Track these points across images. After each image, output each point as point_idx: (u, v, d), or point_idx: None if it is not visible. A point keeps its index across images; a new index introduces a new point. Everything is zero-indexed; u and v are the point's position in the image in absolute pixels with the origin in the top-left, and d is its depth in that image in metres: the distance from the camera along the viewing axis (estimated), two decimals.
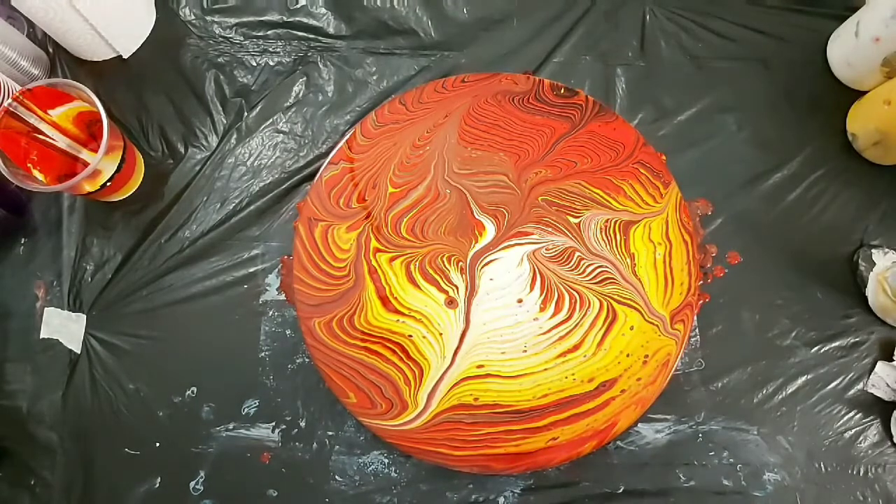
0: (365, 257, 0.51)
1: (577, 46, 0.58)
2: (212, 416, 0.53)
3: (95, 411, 0.53)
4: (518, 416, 0.48)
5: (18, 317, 0.55)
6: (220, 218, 0.56)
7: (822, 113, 0.57)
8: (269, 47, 0.59)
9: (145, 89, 0.58)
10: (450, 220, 0.52)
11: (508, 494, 0.51)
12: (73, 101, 0.52)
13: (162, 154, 0.58)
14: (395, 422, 0.48)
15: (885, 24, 0.50)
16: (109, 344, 0.54)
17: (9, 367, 0.55)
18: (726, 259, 0.55)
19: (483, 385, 0.49)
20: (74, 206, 0.56)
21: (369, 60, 0.59)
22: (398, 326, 0.50)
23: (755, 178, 0.56)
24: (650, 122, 0.57)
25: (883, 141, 0.53)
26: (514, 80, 0.55)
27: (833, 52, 0.57)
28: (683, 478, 0.51)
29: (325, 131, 0.57)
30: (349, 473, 0.52)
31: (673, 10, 0.59)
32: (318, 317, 0.50)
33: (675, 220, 0.52)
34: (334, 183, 0.53)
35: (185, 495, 0.52)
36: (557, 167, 0.53)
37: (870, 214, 0.55)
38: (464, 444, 0.48)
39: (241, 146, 0.57)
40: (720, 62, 0.58)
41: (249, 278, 0.55)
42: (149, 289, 0.55)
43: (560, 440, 0.48)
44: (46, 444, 0.53)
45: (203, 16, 0.60)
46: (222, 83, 0.58)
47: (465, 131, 0.54)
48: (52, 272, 0.55)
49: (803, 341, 0.53)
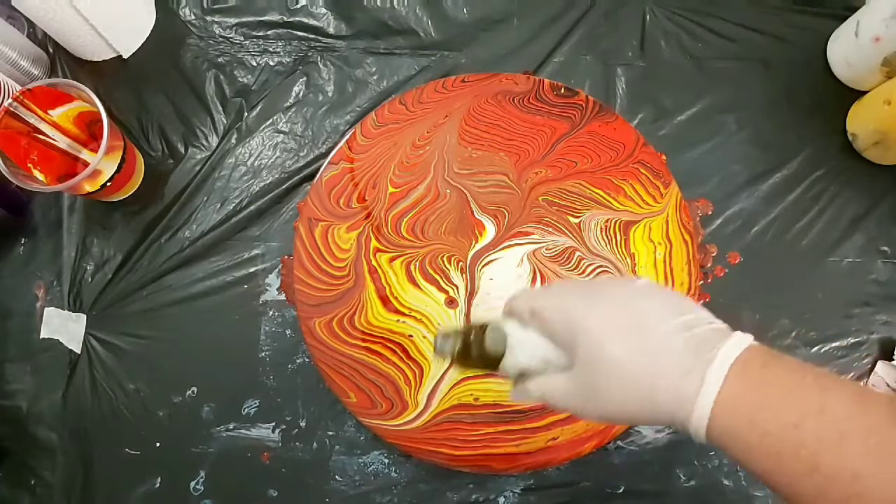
0: (365, 257, 0.51)
1: (577, 46, 0.58)
2: (212, 416, 0.53)
3: (95, 411, 0.53)
4: (518, 416, 0.48)
5: (18, 317, 0.55)
6: (220, 218, 0.56)
7: (822, 113, 0.57)
8: (269, 47, 0.59)
9: (145, 89, 0.58)
10: (450, 220, 0.52)
11: (508, 494, 0.51)
12: (73, 101, 0.52)
13: (162, 154, 0.58)
14: (396, 422, 0.49)
15: (885, 24, 0.50)
16: (109, 344, 0.54)
17: (9, 367, 0.55)
18: (726, 259, 0.55)
19: (483, 385, 0.49)
20: (74, 206, 0.56)
21: (369, 60, 0.59)
22: (398, 326, 0.50)
23: (755, 178, 0.56)
24: (650, 122, 0.57)
25: (883, 141, 0.53)
26: (514, 80, 0.55)
27: (833, 52, 0.57)
28: (683, 478, 0.51)
29: (325, 131, 0.57)
30: (349, 473, 0.52)
31: (673, 10, 0.59)
32: (318, 317, 0.50)
33: (675, 220, 0.52)
34: (334, 183, 0.53)
35: (186, 495, 0.52)
36: (558, 167, 0.53)
37: (870, 214, 0.55)
38: (464, 444, 0.48)
39: (241, 146, 0.57)
40: (720, 62, 0.58)
41: (249, 278, 0.55)
42: (149, 289, 0.55)
43: (560, 440, 0.48)
44: (46, 444, 0.53)
45: (203, 16, 0.60)
46: (222, 83, 0.58)
47: (466, 131, 0.54)
48: (52, 272, 0.55)
49: (803, 341, 0.53)
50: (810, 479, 0.26)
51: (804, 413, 0.27)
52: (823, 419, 0.26)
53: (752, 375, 0.29)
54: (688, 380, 0.29)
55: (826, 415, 0.26)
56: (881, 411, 0.26)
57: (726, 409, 0.28)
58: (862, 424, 0.26)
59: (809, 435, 0.26)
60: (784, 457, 0.27)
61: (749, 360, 0.29)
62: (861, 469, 0.25)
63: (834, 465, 0.26)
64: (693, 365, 0.29)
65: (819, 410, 0.26)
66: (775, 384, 0.28)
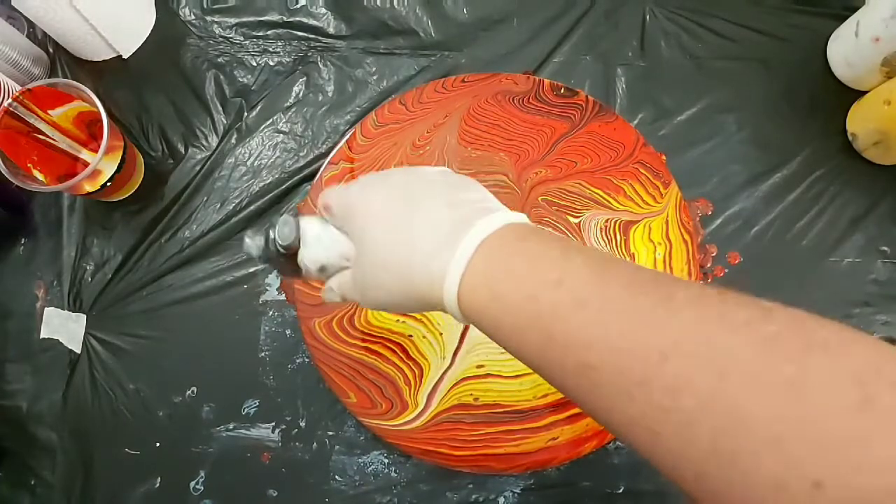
0: None
1: (577, 46, 0.58)
2: (212, 416, 0.53)
3: (95, 411, 0.53)
4: (518, 415, 0.48)
5: (18, 317, 0.55)
6: (220, 218, 0.56)
7: (822, 113, 0.57)
8: (269, 47, 0.59)
9: (145, 89, 0.58)
10: None
11: (508, 494, 0.51)
12: (73, 101, 0.52)
13: (162, 154, 0.58)
14: (396, 422, 0.49)
15: (885, 24, 0.50)
16: (109, 344, 0.54)
17: (9, 367, 0.55)
18: (726, 259, 0.55)
19: (483, 385, 0.49)
20: (74, 206, 0.56)
21: (369, 60, 0.59)
22: (398, 326, 0.50)
23: (755, 178, 0.56)
24: (650, 122, 0.57)
25: (883, 141, 0.53)
26: (514, 80, 0.55)
27: (833, 52, 0.57)
28: None
29: (325, 131, 0.57)
30: (349, 473, 0.52)
31: (673, 10, 0.59)
32: (318, 317, 0.50)
33: (675, 220, 0.52)
34: (334, 183, 0.53)
35: (186, 495, 0.52)
36: (557, 167, 0.53)
37: (870, 214, 0.55)
38: (464, 444, 0.48)
39: (241, 146, 0.57)
40: (720, 62, 0.58)
41: (249, 278, 0.55)
42: (149, 289, 0.55)
43: (560, 440, 0.48)
44: (46, 444, 0.53)
45: (203, 16, 0.60)
46: (222, 83, 0.58)
47: (465, 131, 0.54)
48: (52, 272, 0.55)
49: None
50: (549, 352, 0.25)
51: (542, 284, 0.26)
52: (560, 290, 0.25)
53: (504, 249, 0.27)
54: (438, 258, 0.28)
55: (564, 286, 0.25)
56: (621, 282, 0.25)
57: (471, 285, 0.28)
58: (598, 295, 0.25)
59: (546, 306, 0.25)
60: (525, 331, 0.26)
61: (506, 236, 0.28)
62: (592, 339, 0.24)
63: (566, 333, 0.25)
64: (446, 243, 0.28)
65: (557, 282, 0.26)
66: (522, 257, 0.27)
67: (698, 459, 0.21)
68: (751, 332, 0.22)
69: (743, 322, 0.22)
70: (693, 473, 0.22)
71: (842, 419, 0.19)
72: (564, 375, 0.25)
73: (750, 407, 0.20)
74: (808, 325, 0.22)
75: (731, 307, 0.23)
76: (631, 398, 0.23)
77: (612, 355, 0.23)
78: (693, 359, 0.22)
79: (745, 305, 0.23)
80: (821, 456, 0.19)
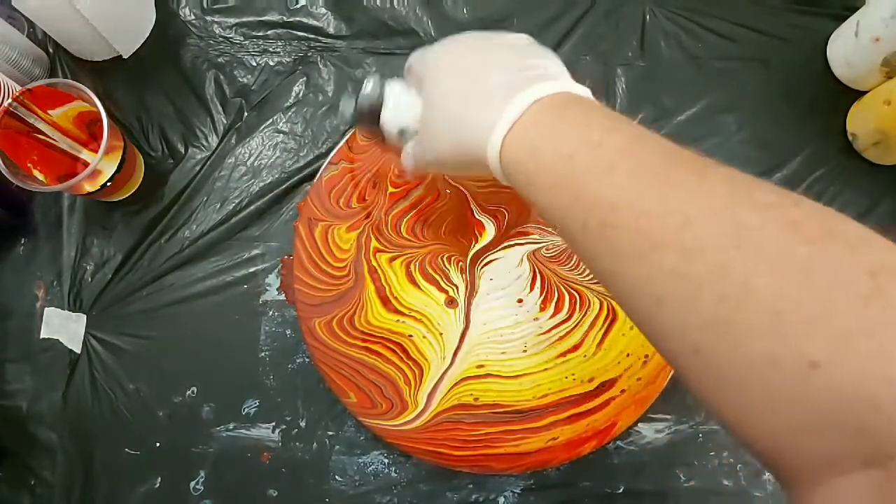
0: (365, 257, 0.51)
1: (577, 46, 0.58)
2: (212, 416, 0.53)
3: (95, 411, 0.53)
4: (518, 415, 0.48)
5: (18, 317, 0.55)
6: (220, 218, 0.56)
7: (822, 113, 0.57)
8: (269, 47, 0.59)
9: (145, 89, 0.58)
10: (450, 220, 0.52)
11: (508, 494, 0.51)
12: (73, 101, 0.52)
13: (162, 154, 0.58)
14: (396, 422, 0.48)
15: (885, 24, 0.50)
16: (109, 344, 0.54)
17: (9, 367, 0.55)
18: None
19: (483, 385, 0.49)
20: (74, 206, 0.56)
21: (369, 60, 0.59)
22: (398, 326, 0.50)
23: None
24: (650, 122, 0.57)
25: (883, 141, 0.53)
26: None
27: (833, 52, 0.57)
28: (683, 478, 0.51)
29: (325, 131, 0.57)
30: (349, 473, 0.52)
31: (673, 10, 0.59)
32: (318, 317, 0.50)
33: None
34: (334, 183, 0.53)
35: (186, 495, 0.52)
36: None
37: (870, 214, 0.55)
38: (464, 444, 0.48)
39: (241, 146, 0.57)
40: (720, 62, 0.58)
41: (249, 278, 0.55)
42: (149, 289, 0.55)
43: (560, 440, 0.48)
44: (46, 444, 0.53)
45: (203, 16, 0.60)
46: (222, 83, 0.58)
47: None
48: (52, 272, 0.55)
49: None
50: (575, 209, 0.26)
51: (580, 145, 0.26)
52: (597, 152, 0.25)
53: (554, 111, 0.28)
54: (489, 112, 0.29)
55: (602, 148, 0.26)
56: (657, 153, 0.25)
57: (514, 140, 0.28)
58: (634, 161, 0.25)
59: (580, 166, 0.26)
60: (556, 189, 0.26)
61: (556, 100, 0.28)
62: (619, 200, 0.24)
63: (595, 193, 0.25)
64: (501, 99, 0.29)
65: (597, 144, 0.26)
66: (568, 121, 0.27)
67: (697, 327, 0.21)
68: (776, 213, 0.22)
69: (771, 203, 0.23)
70: (691, 345, 0.22)
71: (849, 305, 0.19)
72: (585, 236, 0.25)
73: (757, 280, 0.20)
74: (833, 218, 0.22)
75: (762, 190, 0.23)
76: (643, 260, 0.23)
77: (635, 217, 0.24)
78: (713, 228, 0.22)
79: (776, 192, 0.23)
80: (821, 338, 0.19)
